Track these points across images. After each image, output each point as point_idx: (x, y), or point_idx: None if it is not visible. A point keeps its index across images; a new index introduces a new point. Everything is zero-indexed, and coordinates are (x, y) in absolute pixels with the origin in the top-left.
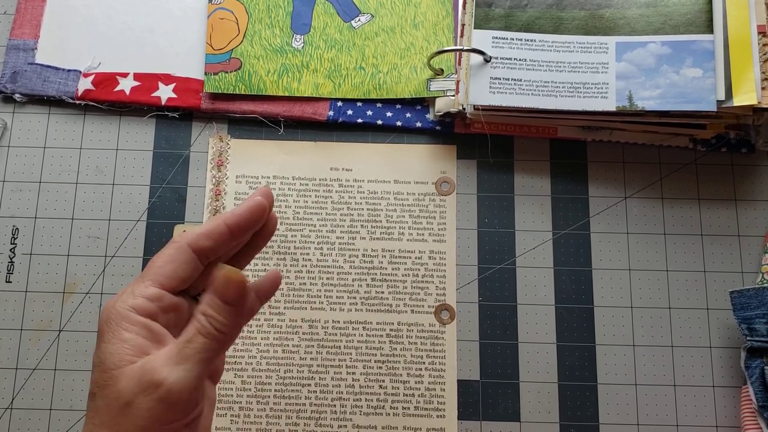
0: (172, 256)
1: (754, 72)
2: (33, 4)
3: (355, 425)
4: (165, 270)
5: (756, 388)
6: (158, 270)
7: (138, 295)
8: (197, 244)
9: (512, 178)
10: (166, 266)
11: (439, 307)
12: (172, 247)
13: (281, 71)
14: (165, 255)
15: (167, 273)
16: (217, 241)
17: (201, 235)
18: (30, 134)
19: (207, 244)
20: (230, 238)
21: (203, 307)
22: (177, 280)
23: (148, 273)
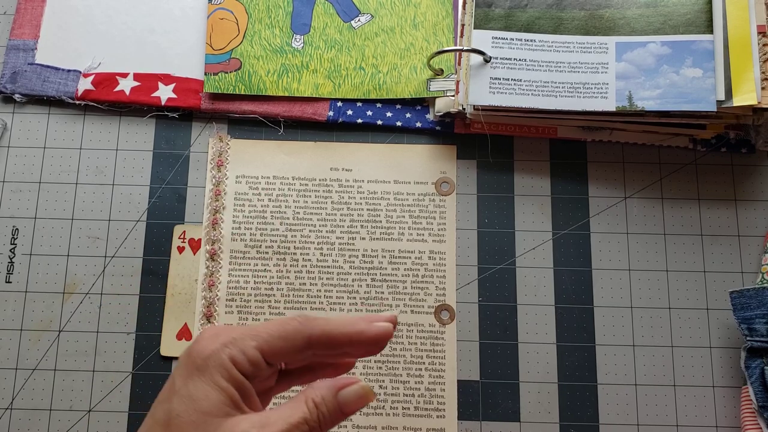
0: (289, 334)
1: (754, 72)
2: (33, 4)
3: (355, 425)
4: (275, 344)
5: (756, 388)
6: (270, 340)
7: (242, 350)
8: (315, 340)
9: (512, 178)
10: (278, 342)
11: (439, 307)
12: (295, 328)
13: (281, 71)
14: (282, 327)
15: (275, 346)
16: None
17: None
18: (30, 134)
19: (322, 343)
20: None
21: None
22: (278, 357)
23: (260, 334)
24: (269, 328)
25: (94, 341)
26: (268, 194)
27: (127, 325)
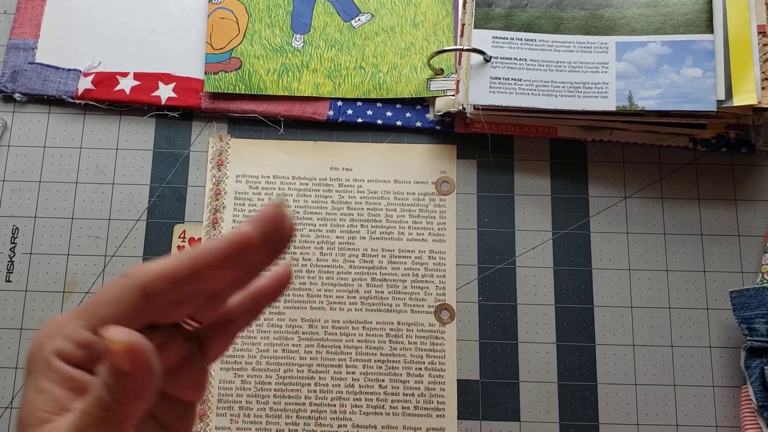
0: (116, 296)
1: (754, 72)
2: (33, 4)
3: (355, 425)
4: (102, 313)
5: (756, 388)
6: (95, 310)
7: (67, 337)
8: (149, 287)
9: (512, 178)
10: (105, 308)
11: (439, 306)
12: (119, 285)
13: (281, 71)
14: (109, 292)
15: (104, 316)
16: (175, 282)
17: (155, 273)
18: (30, 134)
19: (161, 287)
20: (195, 280)
21: (105, 374)
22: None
23: (86, 309)
24: (95, 298)
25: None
26: (268, 194)
27: None
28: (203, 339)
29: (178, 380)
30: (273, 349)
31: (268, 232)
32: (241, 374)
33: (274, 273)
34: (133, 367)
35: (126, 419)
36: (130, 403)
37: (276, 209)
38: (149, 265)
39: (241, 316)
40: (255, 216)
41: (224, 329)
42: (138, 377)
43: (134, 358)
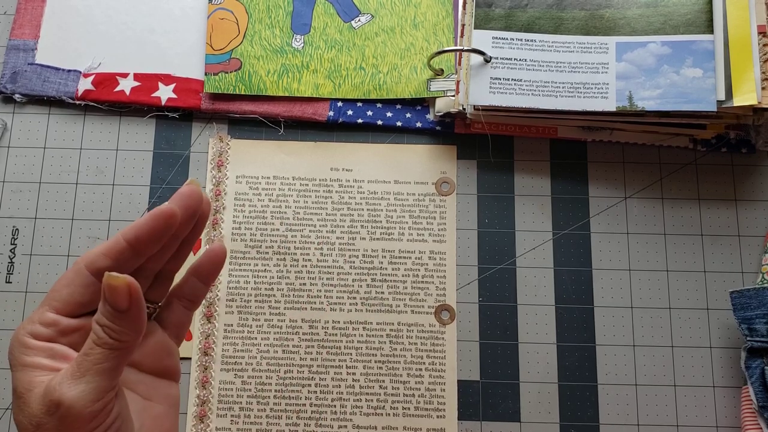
0: (69, 279)
1: (754, 72)
2: (33, 4)
3: (356, 425)
4: (61, 295)
5: (756, 388)
6: (54, 295)
7: (35, 321)
8: (94, 265)
9: (512, 178)
10: (63, 290)
11: (439, 307)
12: (71, 270)
13: (281, 71)
14: (64, 278)
15: (63, 298)
16: (117, 258)
17: (98, 254)
18: (30, 134)
19: (105, 264)
20: (133, 254)
21: (98, 317)
22: (73, 304)
23: (45, 299)
24: (52, 287)
25: None
26: (268, 194)
27: None
28: (162, 317)
29: (144, 351)
30: (273, 349)
31: (187, 205)
32: (241, 375)
33: (208, 250)
34: (130, 302)
35: (125, 353)
36: (127, 340)
37: (191, 186)
38: (92, 249)
39: (188, 291)
40: (174, 194)
41: (177, 305)
42: (134, 313)
43: (132, 292)
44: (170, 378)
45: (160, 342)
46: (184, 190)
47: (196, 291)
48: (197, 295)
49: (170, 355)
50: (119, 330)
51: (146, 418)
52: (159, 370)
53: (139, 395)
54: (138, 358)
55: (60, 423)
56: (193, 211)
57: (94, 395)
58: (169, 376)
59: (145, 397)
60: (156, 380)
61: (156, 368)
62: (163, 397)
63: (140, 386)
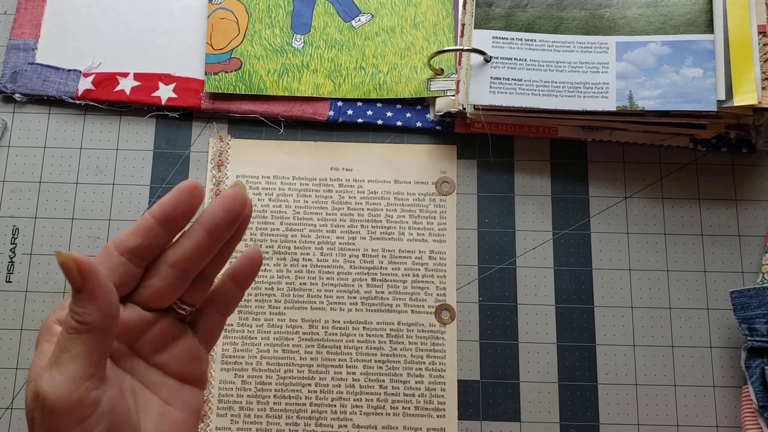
0: (99, 261)
1: (754, 72)
2: (33, 4)
3: (356, 425)
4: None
5: (756, 388)
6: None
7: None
8: (124, 245)
9: (512, 178)
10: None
11: (439, 307)
12: (100, 253)
13: (281, 71)
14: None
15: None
16: (146, 236)
17: (127, 234)
18: (30, 134)
19: (135, 243)
20: (162, 230)
21: (69, 302)
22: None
23: None
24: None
25: None
26: (268, 194)
27: None
28: (195, 321)
29: (172, 353)
30: (273, 349)
31: (231, 208)
32: (241, 375)
33: (244, 254)
34: (84, 280)
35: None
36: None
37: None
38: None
39: (224, 295)
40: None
41: (212, 309)
42: (92, 291)
43: (81, 267)
44: (195, 384)
45: (189, 346)
46: (229, 192)
47: (231, 296)
48: (232, 299)
49: (198, 360)
50: (81, 311)
51: (163, 423)
52: (184, 375)
53: (160, 398)
54: (164, 360)
55: (42, 416)
56: (236, 214)
57: (67, 385)
58: (193, 383)
59: (166, 402)
60: (180, 385)
61: (181, 373)
62: (184, 404)
63: (162, 389)
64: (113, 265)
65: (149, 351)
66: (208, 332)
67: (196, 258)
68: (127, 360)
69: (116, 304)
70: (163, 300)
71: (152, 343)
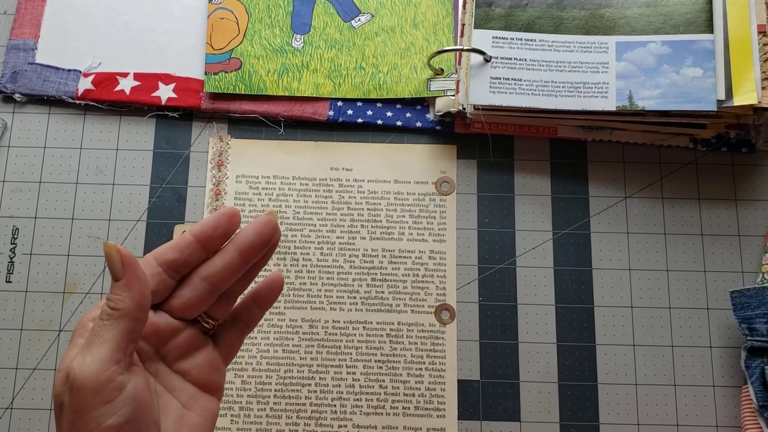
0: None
1: (754, 71)
2: (33, 4)
3: (356, 425)
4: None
5: (756, 387)
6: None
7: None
8: (163, 257)
9: (512, 178)
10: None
11: (439, 307)
12: (140, 261)
13: (281, 71)
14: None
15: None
16: (183, 251)
17: (166, 248)
18: (30, 134)
19: (173, 256)
20: (199, 248)
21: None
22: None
23: None
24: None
25: None
26: (268, 194)
27: None
28: (217, 335)
29: (194, 362)
30: (273, 349)
31: (262, 232)
32: (241, 374)
33: (268, 277)
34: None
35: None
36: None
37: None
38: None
39: (245, 314)
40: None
41: (233, 326)
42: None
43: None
44: (213, 393)
45: (210, 357)
46: (262, 218)
47: (252, 315)
48: (253, 318)
49: (217, 371)
50: (116, 298)
51: (182, 426)
52: (204, 383)
53: (180, 402)
54: (186, 367)
55: (71, 396)
56: (266, 239)
57: (96, 366)
58: (211, 392)
59: (185, 406)
60: (198, 392)
61: (201, 381)
62: (201, 409)
63: (183, 394)
64: (151, 273)
65: (173, 357)
66: (228, 346)
67: (226, 275)
68: (152, 363)
69: (148, 296)
70: (191, 310)
71: (177, 350)
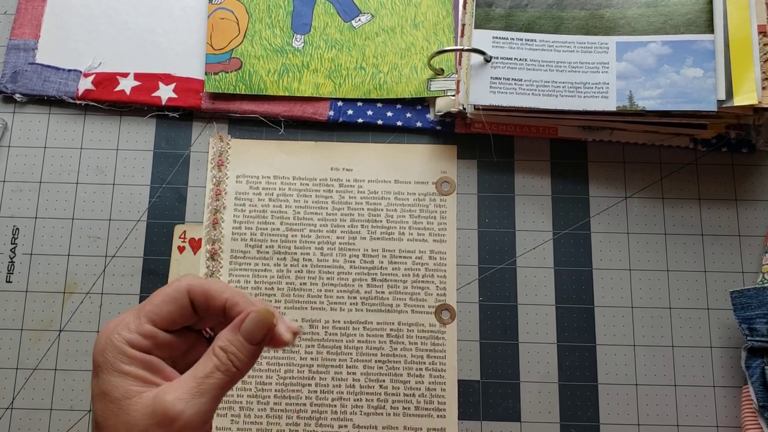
0: (172, 297)
1: (754, 72)
2: (33, 4)
3: (356, 425)
4: (161, 310)
5: (756, 387)
6: (155, 309)
7: (133, 330)
8: (193, 292)
9: (512, 178)
10: (164, 306)
11: (439, 307)
12: (172, 288)
13: (281, 71)
14: (164, 294)
15: (163, 313)
16: (210, 305)
17: (204, 290)
18: (30, 134)
19: (200, 300)
20: (221, 311)
21: (224, 344)
22: (170, 321)
23: (144, 308)
24: (152, 299)
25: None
26: (268, 194)
27: None
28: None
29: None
30: (273, 349)
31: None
32: None
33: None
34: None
35: (238, 379)
36: (245, 369)
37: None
38: (198, 278)
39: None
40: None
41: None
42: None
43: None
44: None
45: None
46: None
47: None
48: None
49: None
50: (243, 360)
51: None
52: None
53: None
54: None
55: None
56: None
57: (207, 416)
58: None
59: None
60: None
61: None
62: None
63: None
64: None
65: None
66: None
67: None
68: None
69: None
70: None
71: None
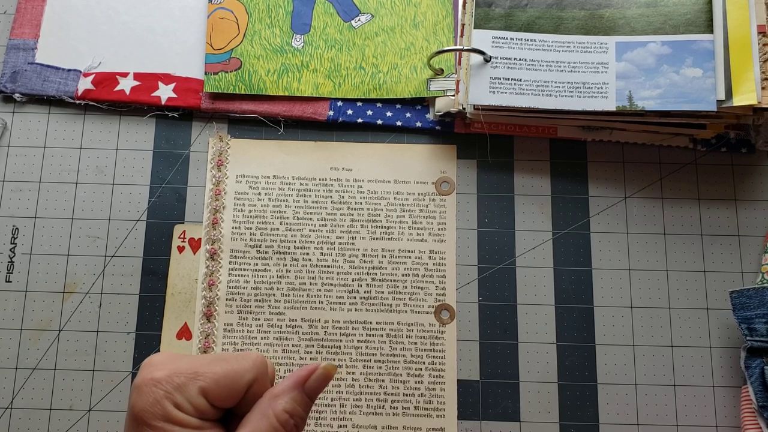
0: (238, 374)
1: (754, 72)
2: (33, 4)
3: (355, 425)
4: (221, 393)
5: (756, 388)
6: (220, 381)
7: (187, 399)
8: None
9: (512, 178)
10: (224, 390)
11: (439, 307)
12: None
13: (281, 71)
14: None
15: (223, 394)
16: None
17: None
18: (30, 134)
19: (263, 389)
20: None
21: (292, 408)
22: (226, 401)
23: (205, 375)
24: (214, 364)
25: (94, 341)
26: (268, 194)
27: (127, 324)
28: None
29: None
30: (273, 349)
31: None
32: None
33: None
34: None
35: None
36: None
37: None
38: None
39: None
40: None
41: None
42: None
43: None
44: None
45: None
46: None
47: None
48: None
49: None
50: (304, 417)
51: None
52: None
53: None
54: None
55: None
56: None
57: None
58: None
59: None
60: None
61: None
62: None
63: None
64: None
65: None
66: None
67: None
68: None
69: None
70: None
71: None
